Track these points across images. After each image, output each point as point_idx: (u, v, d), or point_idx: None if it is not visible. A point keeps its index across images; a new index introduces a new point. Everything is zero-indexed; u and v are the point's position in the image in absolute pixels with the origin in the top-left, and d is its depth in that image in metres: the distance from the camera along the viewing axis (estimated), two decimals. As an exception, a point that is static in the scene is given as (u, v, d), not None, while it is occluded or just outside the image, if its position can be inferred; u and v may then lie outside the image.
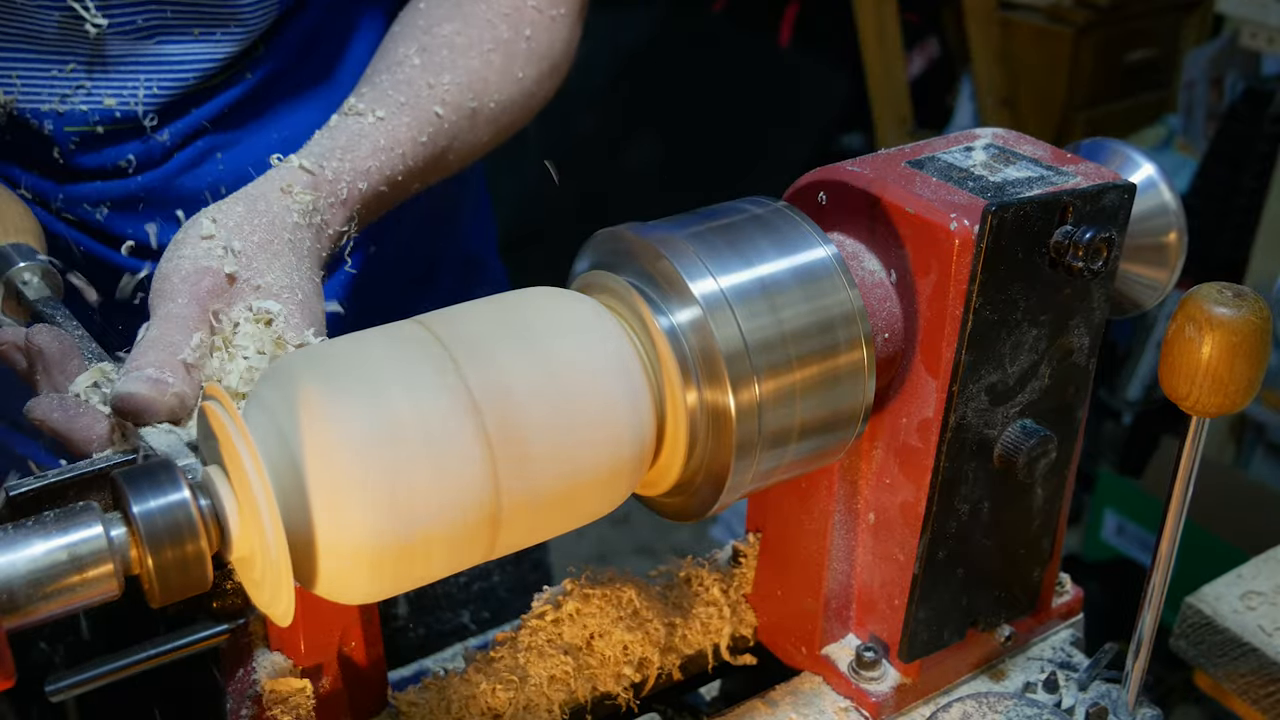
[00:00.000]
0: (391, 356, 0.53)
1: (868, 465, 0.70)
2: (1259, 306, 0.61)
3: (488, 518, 0.53)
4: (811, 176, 0.69)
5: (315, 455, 0.50)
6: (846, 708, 0.72)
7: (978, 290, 0.61)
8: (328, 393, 0.51)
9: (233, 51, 0.87)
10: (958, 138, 0.71)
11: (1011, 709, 0.70)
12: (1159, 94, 3.10)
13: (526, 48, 0.89)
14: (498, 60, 0.87)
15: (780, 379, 0.59)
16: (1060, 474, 0.70)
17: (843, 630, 0.74)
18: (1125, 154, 0.74)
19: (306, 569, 0.53)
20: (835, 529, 0.71)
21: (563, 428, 0.55)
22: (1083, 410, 0.70)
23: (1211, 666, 0.88)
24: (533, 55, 0.90)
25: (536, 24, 0.90)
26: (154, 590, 0.50)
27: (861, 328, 0.62)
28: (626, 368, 0.58)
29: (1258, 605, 0.88)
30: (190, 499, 0.50)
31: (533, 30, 0.90)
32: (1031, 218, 0.61)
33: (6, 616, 0.47)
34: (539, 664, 0.70)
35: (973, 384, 0.64)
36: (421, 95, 0.82)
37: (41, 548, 0.48)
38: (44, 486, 0.57)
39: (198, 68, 0.87)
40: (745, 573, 0.78)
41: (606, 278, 0.62)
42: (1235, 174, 2.52)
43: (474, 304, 0.59)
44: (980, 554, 0.70)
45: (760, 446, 0.59)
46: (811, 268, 0.61)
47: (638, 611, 0.73)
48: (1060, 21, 2.93)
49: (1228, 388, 0.62)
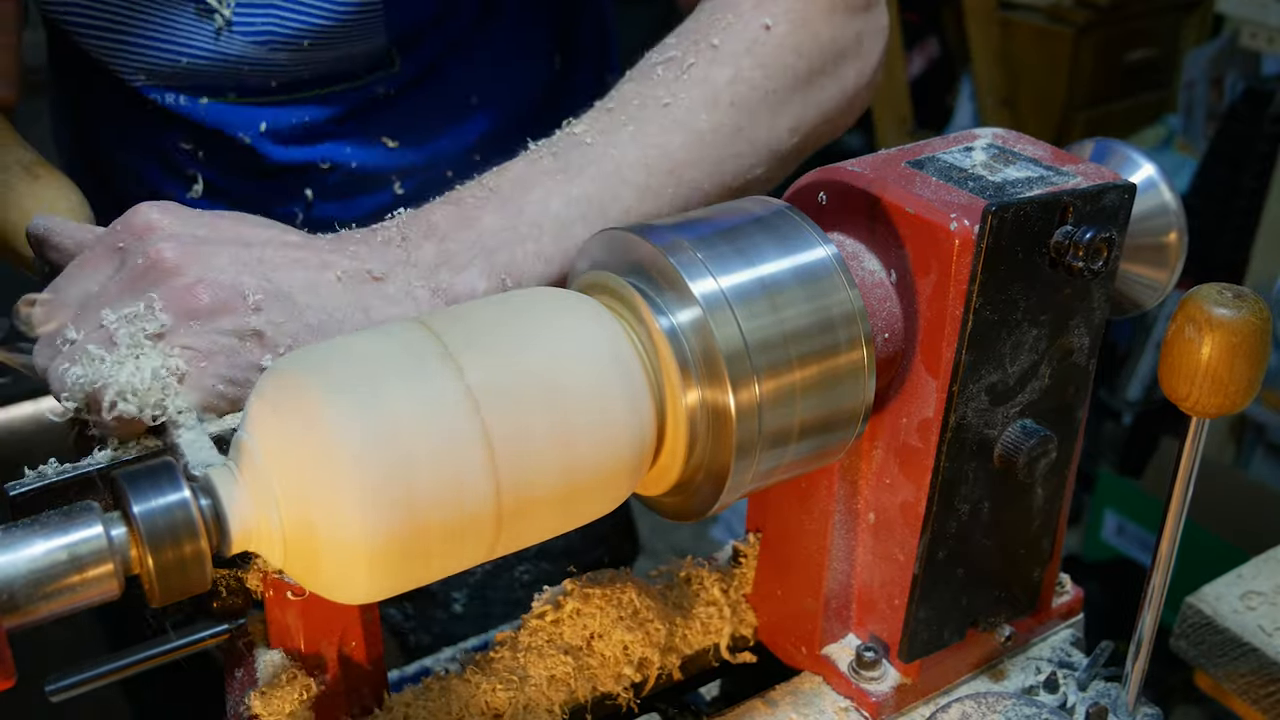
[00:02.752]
0: (392, 355, 0.53)
1: (868, 465, 0.70)
2: (1259, 307, 0.61)
3: (488, 517, 0.53)
4: (811, 176, 0.69)
5: (314, 455, 0.50)
6: (846, 708, 0.72)
7: (978, 290, 0.61)
8: (327, 392, 0.51)
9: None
10: (958, 138, 0.71)
11: (1011, 709, 0.70)
12: (1159, 94, 3.11)
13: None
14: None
15: (780, 379, 0.59)
16: (1060, 474, 0.70)
17: (843, 630, 0.74)
18: (1125, 154, 0.74)
19: (306, 568, 0.53)
20: (835, 529, 0.71)
21: (563, 427, 0.55)
22: (1083, 410, 0.70)
23: (1211, 666, 0.88)
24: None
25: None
26: (154, 590, 0.50)
27: (861, 328, 0.62)
28: (626, 368, 0.58)
29: (1258, 605, 0.88)
30: (190, 499, 0.50)
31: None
32: (1031, 218, 0.61)
33: (6, 616, 0.47)
34: (539, 664, 0.70)
35: (973, 384, 0.64)
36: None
37: (41, 548, 0.48)
38: (44, 486, 0.57)
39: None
40: (745, 573, 0.78)
41: (606, 278, 0.62)
42: (1235, 174, 2.52)
43: (474, 303, 0.59)
44: (980, 554, 0.70)
45: (760, 446, 0.59)
46: (812, 268, 0.61)
47: (638, 611, 0.73)
48: (1060, 21, 2.94)
49: (1228, 388, 0.62)
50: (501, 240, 0.71)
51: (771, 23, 0.79)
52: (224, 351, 0.62)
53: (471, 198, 0.72)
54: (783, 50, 0.79)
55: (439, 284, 0.69)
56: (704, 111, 0.77)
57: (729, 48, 0.78)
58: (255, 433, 0.52)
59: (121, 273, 0.64)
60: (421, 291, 0.68)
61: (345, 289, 0.66)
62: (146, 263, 0.63)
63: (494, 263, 0.70)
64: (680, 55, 0.79)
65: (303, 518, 0.51)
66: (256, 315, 0.63)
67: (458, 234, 0.70)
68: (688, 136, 0.76)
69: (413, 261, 0.69)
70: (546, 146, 0.76)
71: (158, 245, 0.64)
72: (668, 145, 0.75)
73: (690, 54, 0.78)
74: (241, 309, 0.63)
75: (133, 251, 0.64)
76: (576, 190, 0.73)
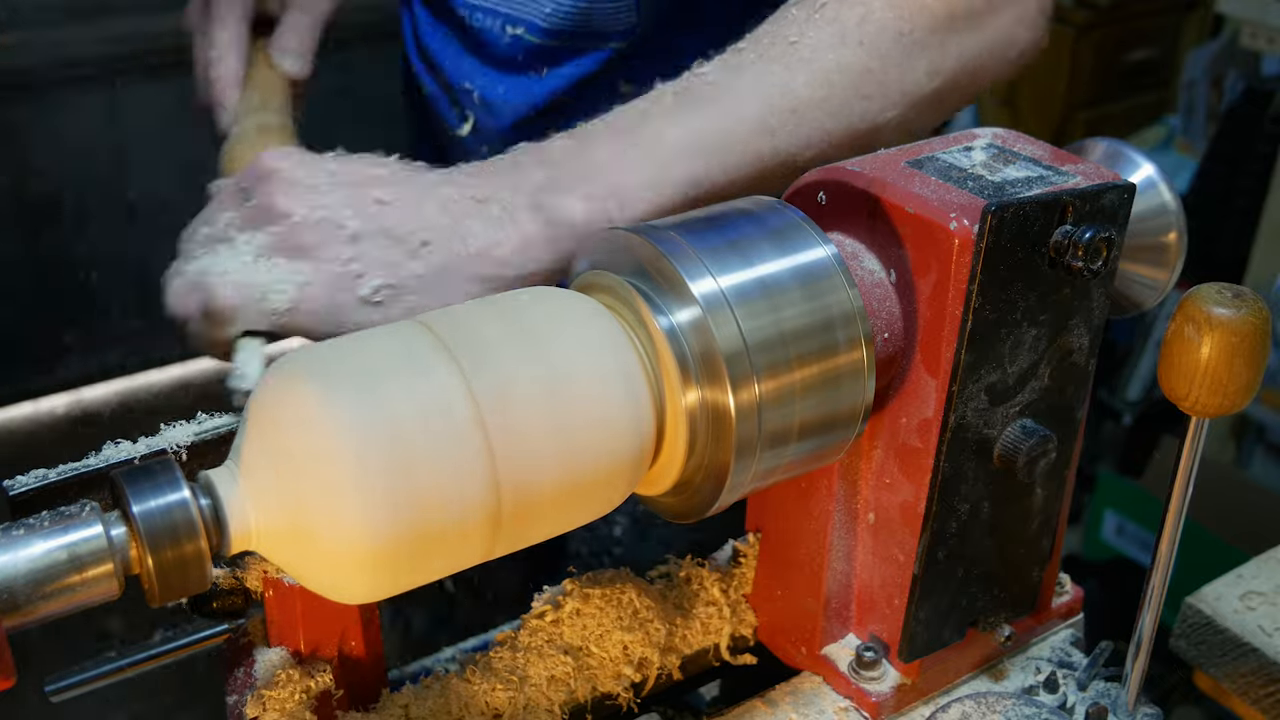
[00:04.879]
0: (392, 355, 0.53)
1: (867, 465, 0.70)
2: (1258, 307, 0.61)
3: (488, 517, 0.53)
4: (811, 176, 0.69)
5: (314, 454, 0.50)
6: (846, 708, 0.72)
7: (977, 290, 0.61)
8: (327, 392, 0.51)
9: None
10: (957, 137, 0.71)
11: (1011, 709, 0.70)
12: (1159, 94, 3.10)
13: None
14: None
15: (780, 379, 0.59)
16: (1060, 474, 0.70)
17: (843, 630, 0.74)
18: (1125, 154, 0.74)
19: (305, 568, 0.53)
20: (835, 529, 0.71)
21: (563, 427, 0.55)
22: (1083, 410, 0.70)
23: (1211, 666, 0.88)
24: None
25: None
26: (154, 590, 0.50)
27: (861, 328, 0.62)
28: (626, 367, 0.58)
29: (1258, 605, 0.88)
30: (190, 499, 0.50)
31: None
32: (1031, 218, 0.61)
33: (6, 616, 0.47)
34: (539, 664, 0.70)
35: (972, 384, 0.64)
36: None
37: (41, 547, 0.48)
38: (44, 486, 0.57)
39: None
40: (745, 573, 0.78)
41: (606, 277, 0.62)
42: (1235, 174, 2.52)
43: (474, 303, 0.59)
44: (980, 554, 0.70)
45: (760, 446, 0.59)
46: (811, 268, 0.61)
47: (638, 612, 0.73)
48: (1060, 21, 2.93)
49: (1227, 388, 0.62)
50: (611, 165, 0.72)
51: None
52: (322, 282, 0.68)
53: (590, 130, 0.75)
54: None
55: (542, 204, 0.71)
56: (831, 51, 0.75)
57: None
58: (256, 432, 0.52)
59: (241, 212, 0.71)
60: (523, 213, 0.71)
61: (444, 215, 0.70)
62: (261, 206, 0.70)
63: (599, 186, 0.71)
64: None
65: (302, 518, 0.51)
66: (353, 246, 0.69)
67: (569, 161, 0.73)
68: (812, 75, 0.75)
69: (518, 186, 0.72)
70: (671, 85, 0.76)
71: (270, 189, 0.70)
72: (791, 83, 0.75)
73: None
74: (339, 243, 0.69)
75: (252, 194, 0.71)
76: (694, 123, 0.73)
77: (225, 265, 0.69)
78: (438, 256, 0.69)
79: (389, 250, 0.69)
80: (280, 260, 0.68)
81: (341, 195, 0.70)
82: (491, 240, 0.70)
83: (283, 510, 0.52)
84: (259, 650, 0.67)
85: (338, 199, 0.70)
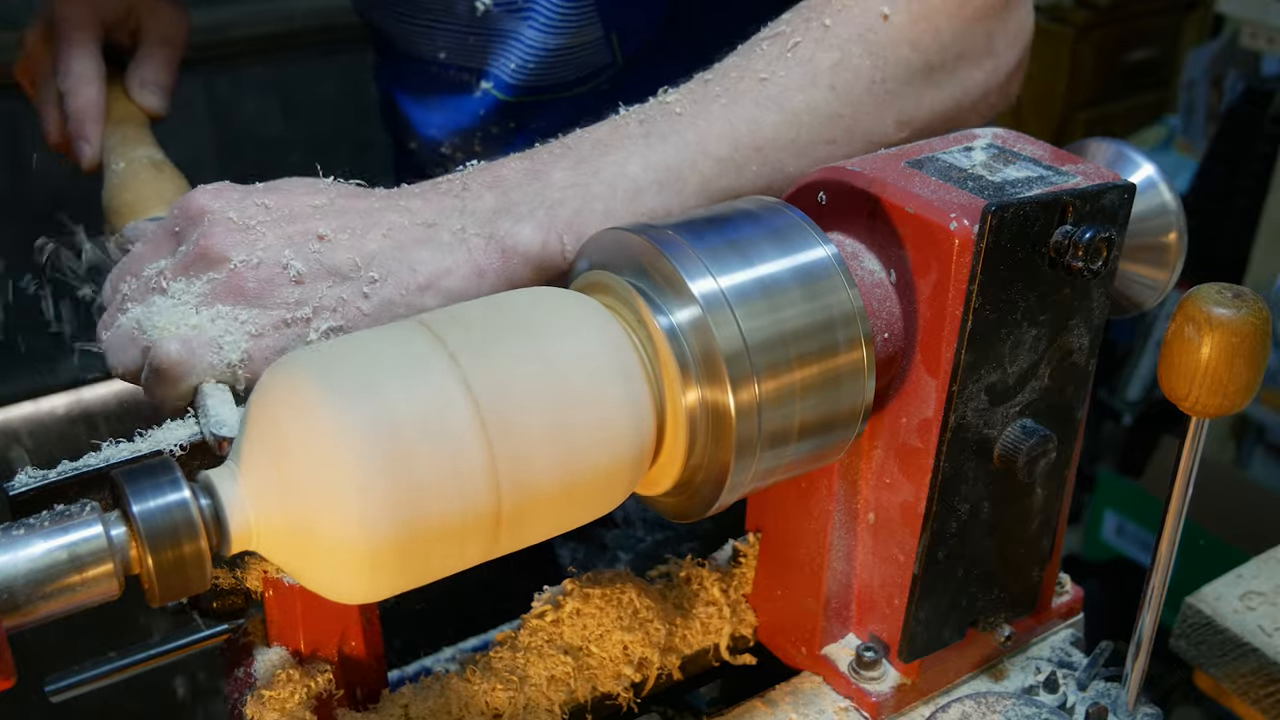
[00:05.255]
0: (391, 355, 0.53)
1: (867, 465, 0.70)
2: (1259, 307, 0.61)
3: (488, 517, 0.53)
4: (811, 176, 0.69)
5: (314, 454, 0.50)
6: (846, 708, 0.72)
7: (978, 290, 0.61)
8: (327, 392, 0.51)
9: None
10: (957, 138, 0.71)
11: (1011, 709, 0.70)
12: (1159, 94, 3.11)
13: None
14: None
15: (780, 379, 0.59)
16: (1060, 474, 0.70)
17: (843, 630, 0.74)
18: (1125, 154, 0.74)
19: (305, 568, 0.53)
20: (835, 529, 0.71)
21: (563, 427, 0.55)
22: (1083, 410, 0.70)
23: (1211, 666, 0.88)
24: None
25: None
26: (154, 590, 0.50)
27: (861, 328, 0.62)
28: (626, 367, 0.58)
29: (1258, 605, 0.88)
30: (190, 499, 0.50)
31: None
32: (1031, 218, 0.61)
33: (6, 616, 0.47)
34: (539, 664, 0.70)
35: (972, 384, 0.64)
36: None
37: (41, 547, 0.48)
38: (44, 486, 0.57)
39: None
40: (745, 573, 0.78)
41: (606, 277, 0.62)
42: (1235, 174, 2.52)
43: (474, 303, 0.59)
44: (980, 554, 0.70)
45: (760, 446, 0.59)
46: (811, 268, 0.61)
47: (638, 611, 0.73)
48: (1060, 21, 2.94)
49: (1227, 388, 0.62)
50: (568, 196, 0.69)
51: (890, 12, 0.76)
52: (271, 330, 0.64)
53: (547, 154, 0.72)
54: (898, 42, 0.76)
55: (495, 231, 0.68)
56: (801, 92, 0.74)
57: (840, 31, 0.76)
58: (255, 432, 0.52)
59: (176, 258, 0.66)
60: (476, 239, 0.67)
61: (390, 245, 0.67)
62: (197, 250, 0.65)
63: (556, 216, 0.69)
64: (789, 32, 0.76)
65: (303, 517, 0.51)
66: (299, 289, 0.64)
67: (524, 186, 0.70)
68: (781, 116, 0.74)
69: (470, 210, 0.68)
70: (635, 113, 0.74)
71: (203, 232, 0.65)
72: (758, 121, 0.73)
73: (799, 32, 0.76)
74: (284, 285, 0.64)
75: (186, 237, 0.67)
76: (656, 156, 0.71)
77: (166, 318, 0.64)
78: (386, 289, 0.66)
79: (336, 288, 0.65)
80: (223, 308, 0.64)
81: (280, 234, 0.65)
82: (441, 268, 0.67)
83: (283, 510, 0.52)
84: (259, 650, 0.67)
85: (276, 239, 0.65)
